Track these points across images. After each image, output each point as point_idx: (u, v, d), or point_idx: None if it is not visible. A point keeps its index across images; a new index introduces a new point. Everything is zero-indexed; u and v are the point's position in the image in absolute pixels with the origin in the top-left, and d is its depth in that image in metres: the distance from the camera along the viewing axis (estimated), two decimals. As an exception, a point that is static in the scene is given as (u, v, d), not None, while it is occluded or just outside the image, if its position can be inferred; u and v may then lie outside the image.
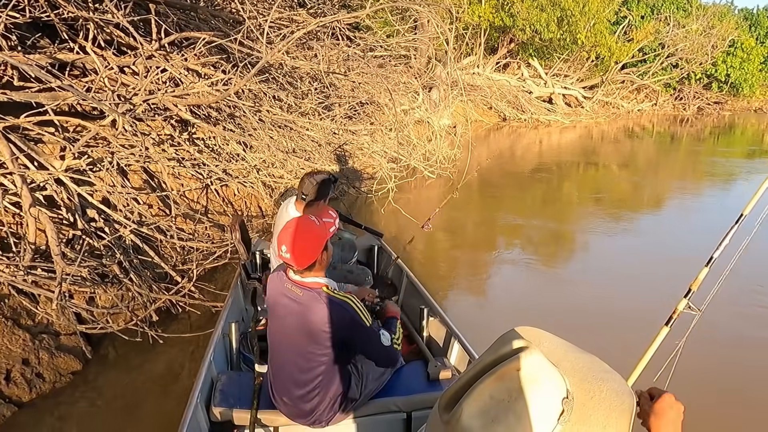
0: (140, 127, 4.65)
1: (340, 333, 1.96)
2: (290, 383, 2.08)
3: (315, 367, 2.02)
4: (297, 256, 1.92)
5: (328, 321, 1.94)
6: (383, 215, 6.53)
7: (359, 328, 1.99)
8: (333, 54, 5.12)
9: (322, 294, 1.97)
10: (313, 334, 1.97)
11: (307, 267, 1.96)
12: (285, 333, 2.07)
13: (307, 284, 1.99)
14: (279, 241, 1.94)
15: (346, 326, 1.96)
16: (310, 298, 1.96)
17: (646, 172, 11.96)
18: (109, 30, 4.16)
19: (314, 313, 1.95)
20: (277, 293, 2.07)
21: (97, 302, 3.45)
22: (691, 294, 1.71)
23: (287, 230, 1.94)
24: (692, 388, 2.90)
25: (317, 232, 1.96)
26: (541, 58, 17.95)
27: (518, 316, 4.39)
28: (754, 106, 25.42)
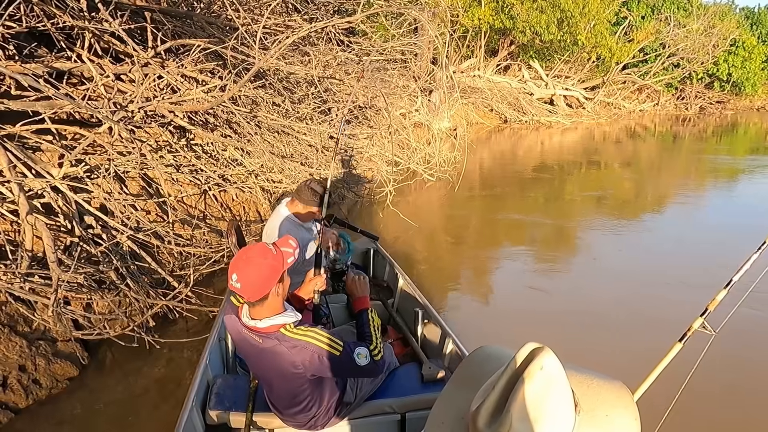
0: (138, 134, 4.69)
1: (312, 371, 1.87)
2: (281, 402, 2.07)
3: (301, 392, 1.97)
4: (247, 287, 1.75)
5: (296, 364, 1.83)
6: (382, 218, 6.55)
7: (331, 362, 1.86)
8: (328, 59, 5.15)
9: (282, 338, 1.83)
10: (285, 376, 1.90)
11: (258, 300, 1.79)
12: (260, 369, 2.01)
13: (263, 330, 1.83)
14: (231, 268, 1.76)
15: (315, 366, 1.85)
16: (271, 344, 1.84)
17: (648, 172, 11.96)
18: (106, 38, 4.20)
19: (279, 360, 1.84)
20: (237, 335, 1.95)
21: (94, 308, 3.47)
22: (707, 314, 1.74)
23: (240, 258, 1.78)
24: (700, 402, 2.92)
25: (272, 263, 1.78)
26: (542, 59, 17.96)
27: (515, 317, 4.39)
28: (756, 104, 25.34)
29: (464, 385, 0.73)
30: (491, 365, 0.71)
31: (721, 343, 1.76)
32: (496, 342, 3.00)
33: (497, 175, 10.56)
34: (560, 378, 0.62)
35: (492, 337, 3.99)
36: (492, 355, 0.76)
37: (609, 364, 3.60)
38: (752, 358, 3.60)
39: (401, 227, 6.33)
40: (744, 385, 3.35)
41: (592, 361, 3.55)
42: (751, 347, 3.68)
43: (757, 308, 3.82)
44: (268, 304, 1.82)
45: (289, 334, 1.84)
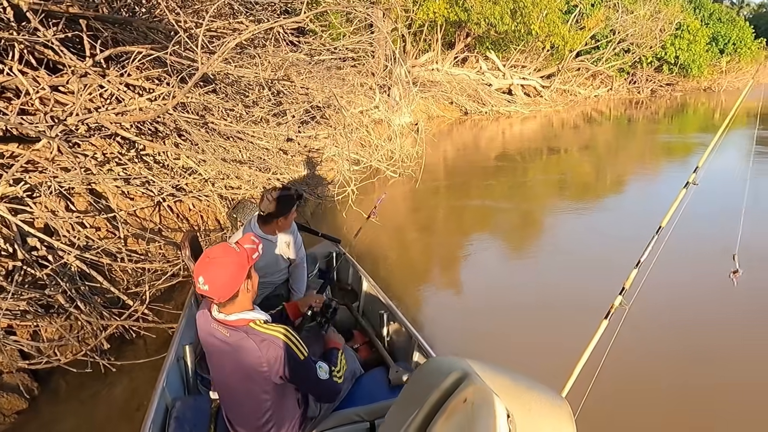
0: (83, 147, 4.47)
1: (275, 369, 1.83)
2: (242, 418, 2.00)
3: (262, 402, 1.91)
4: (216, 288, 1.73)
5: (261, 360, 1.80)
6: (345, 219, 6.47)
7: (293, 363, 1.84)
8: (277, 60, 5.03)
9: (250, 331, 1.81)
10: (249, 375, 1.85)
11: (229, 299, 1.78)
12: (223, 373, 1.96)
13: (232, 323, 1.82)
14: (196, 271, 1.75)
15: (279, 362, 1.82)
16: (238, 338, 1.81)
17: (606, 155, 12.30)
18: (39, 49, 3.98)
19: (245, 354, 1.81)
20: (206, 333, 1.92)
21: (42, 335, 3.29)
22: (624, 291, 1.93)
23: (204, 260, 1.76)
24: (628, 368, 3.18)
25: (237, 261, 1.77)
26: (498, 50, 18.16)
27: (482, 310, 4.41)
28: (703, 85, 26.34)
29: (407, 402, 0.72)
30: (430, 381, 0.69)
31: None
32: (463, 340, 3.02)
33: (461, 166, 10.64)
34: (487, 410, 0.59)
35: (460, 333, 4.01)
36: (435, 371, 0.73)
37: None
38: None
39: (365, 227, 6.28)
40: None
41: (553, 351, 3.61)
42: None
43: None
44: (239, 302, 1.81)
45: (258, 328, 1.83)
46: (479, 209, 7.65)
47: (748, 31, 27.21)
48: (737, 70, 27.78)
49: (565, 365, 3.47)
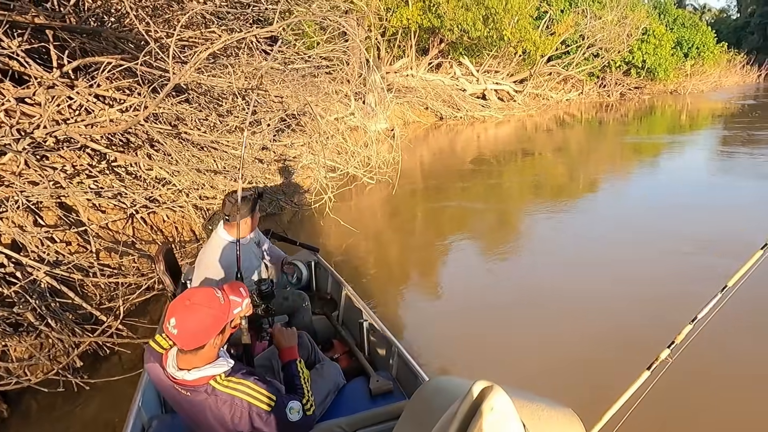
0: (52, 160, 4.37)
1: (241, 426, 1.75)
2: None
3: None
4: (184, 336, 1.63)
5: (225, 420, 1.73)
6: (323, 227, 6.46)
7: (261, 418, 1.75)
8: (251, 70, 5.00)
9: (212, 392, 1.72)
10: (216, 429, 1.78)
11: (193, 349, 1.68)
12: (192, 420, 1.86)
13: (191, 383, 1.71)
14: (170, 311, 1.65)
15: (245, 422, 1.74)
16: (200, 398, 1.72)
17: (579, 156, 12.57)
18: (3, 60, 3.88)
19: (209, 413, 1.74)
20: (164, 387, 1.82)
21: (10, 355, 3.19)
22: (673, 346, 1.88)
23: (183, 302, 1.66)
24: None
25: (216, 313, 1.68)
26: (472, 56, 18.39)
27: (463, 315, 4.45)
28: (669, 88, 27.13)
29: (415, 422, 0.72)
30: (440, 400, 0.70)
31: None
32: (445, 345, 3.00)
33: (437, 170, 10.72)
34: (510, 415, 0.62)
35: (442, 341, 4.03)
36: (440, 390, 0.74)
37: (552, 355, 3.72)
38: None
39: (343, 234, 6.28)
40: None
41: (533, 354, 3.66)
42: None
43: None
44: (201, 354, 1.70)
45: (219, 387, 1.72)
46: (456, 212, 7.72)
47: (710, 35, 28.20)
48: (701, 73, 28.76)
49: (548, 364, 3.50)
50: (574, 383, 3.35)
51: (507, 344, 3.87)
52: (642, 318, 4.18)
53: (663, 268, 5.20)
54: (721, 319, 1.92)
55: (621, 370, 2.15)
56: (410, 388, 2.43)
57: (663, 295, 4.56)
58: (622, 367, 2.15)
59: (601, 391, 2.02)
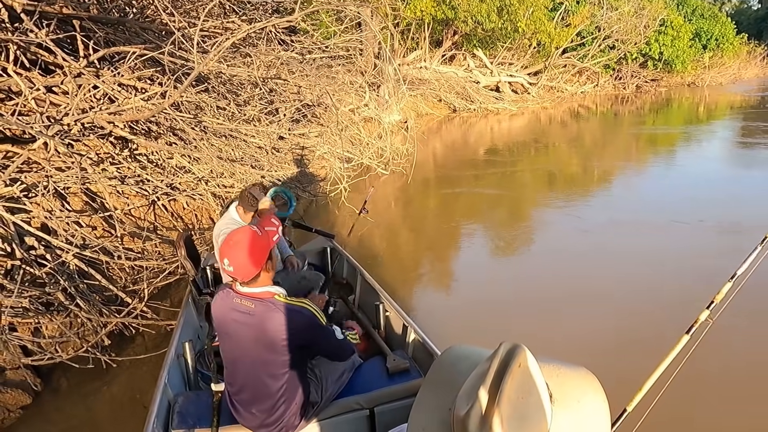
0: (77, 148, 4.50)
1: (299, 337, 1.97)
2: (254, 398, 2.06)
3: (278, 376, 2.01)
4: (241, 268, 1.88)
5: (286, 328, 1.93)
6: (338, 216, 6.55)
7: (318, 329, 2.02)
8: (270, 60, 5.08)
9: (276, 302, 1.95)
10: (271, 344, 1.96)
11: (252, 278, 1.92)
12: (241, 349, 2.04)
13: (258, 295, 1.95)
14: (221, 254, 1.90)
15: (305, 329, 1.98)
16: (264, 308, 1.94)
17: (593, 149, 12.49)
18: (33, 50, 4.00)
19: (270, 323, 1.93)
20: (225, 310, 2.03)
21: (43, 332, 3.33)
22: (712, 306, 1.81)
23: (229, 243, 1.90)
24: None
25: (260, 243, 1.91)
26: (485, 48, 18.28)
27: (476, 301, 4.52)
28: (687, 80, 26.71)
29: (438, 388, 0.74)
30: (462, 366, 0.73)
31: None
32: (459, 328, 3.06)
33: (450, 162, 10.76)
34: (537, 373, 0.65)
35: (455, 323, 4.10)
36: (461, 356, 0.77)
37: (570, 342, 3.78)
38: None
39: (358, 223, 6.36)
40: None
41: (550, 340, 3.72)
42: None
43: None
44: (261, 280, 1.95)
45: (283, 300, 1.96)
46: (468, 201, 7.77)
47: (730, 26, 27.65)
48: (720, 65, 28.24)
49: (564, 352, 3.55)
50: (611, 359, 3.37)
51: (525, 327, 3.92)
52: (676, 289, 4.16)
53: (694, 242, 5.23)
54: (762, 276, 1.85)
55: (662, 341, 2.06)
56: (426, 367, 2.49)
57: (693, 268, 4.59)
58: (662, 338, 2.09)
59: (641, 362, 1.99)
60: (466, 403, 0.65)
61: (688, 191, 7.88)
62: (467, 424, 0.63)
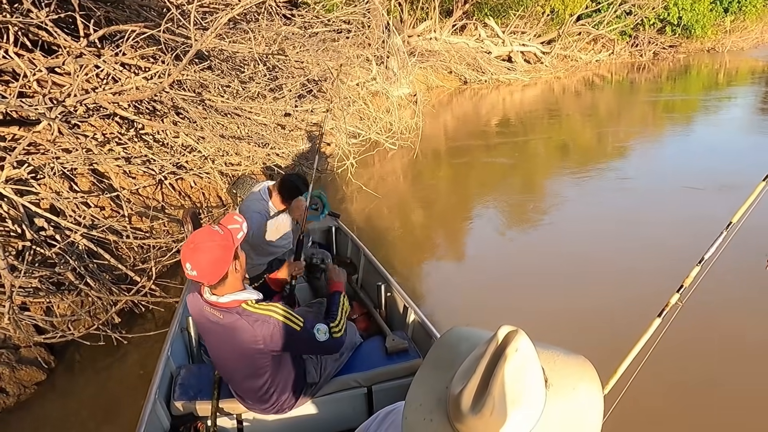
0: (82, 129, 4.53)
1: (272, 346, 1.90)
2: (244, 386, 2.09)
3: (262, 373, 1.99)
4: (204, 272, 1.77)
5: (257, 339, 1.86)
6: (345, 192, 6.55)
7: (291, 337, 1.90)
8: (271, 35, 5.00)
9: (243, 312, 1.86)
10: (245, 353, 1.92)
11: (219, 281, 1.81)
12: (219, 352, 2.03)
13: (224, 305, 1.86)
14: (183, 258, 1.78)
15: (276, 340, 1.88)
16: (231, 319, 1.86)
17: (607, 119, 12.23)
18: (33, 31, 3.99)
19: (240, 335, 1.87)
20: (198, 315, 1.98)
21: (54, 311, 3.42)
22: (682, 289, 1.84)
23: (189, 246, 1.78)
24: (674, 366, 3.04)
25: (222, 243, 1.79)
26: (497, 16, 17.81)
27: (482, 281, 4.52)
28: (706, 46, 25.79)
29: (438, 367, 0.75)
30: (463, 346, 0.74)
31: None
32: (463, 305, 3.06)
33: (461, 135, 10.62)
34: (533, 357, 0.66)
35: (459, 299, 4.12)
36: (463, 337, 0.78)
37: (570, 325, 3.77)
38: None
39: (366, 199, 6.35)
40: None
41: (554, 322, 3.71)
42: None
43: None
44: (229, 283, 1.85)
45: (251, 308, 1.87)
46: (478, 178, 7.70)
47: (754, -12, 26.48)
48: (742, 29, 27.14)
49: (566, 332, 3.55)
50: (595, 341, 3.40)
51: (521, 308, 3.92)
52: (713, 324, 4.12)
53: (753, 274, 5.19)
54: (728, 258, 1.89)
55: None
56: (425, 347, 2.51)
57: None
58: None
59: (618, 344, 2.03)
60: (461, 383, 0.66)
61: (704, 161, 7.73)
62: (460, 403, 0.65)
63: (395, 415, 0.94)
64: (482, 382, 0.64)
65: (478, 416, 0.63)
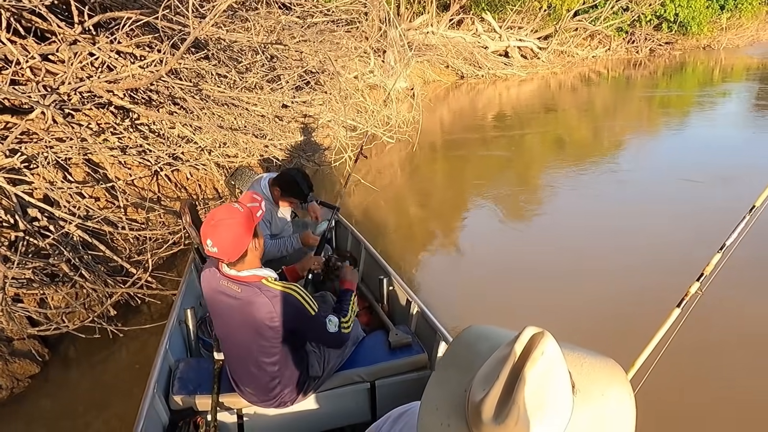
0: (77, 118, 4.44)
1: (286, 324, 1.89)
2: (248, 374, 2.05)
3: (270, 357, 1.97)
4: (225, 248, 1.78)
5: (273, 315, 1.85)
6: (343, 185, 6.48)
7: (305, 319, 1.92)
8: (270, 24, 4.92)
9: (263, 287, 1.86)
10: (259, 329, 1.89)
11: (239, 258, 1.83)
12: (230, 329, 1.99)
13: (244, 278, 1.87)
14: (203, 234, 1.79)
15: (291, 318, 1.88)
16: (250, 293, 1.85)
17: (603, 114, 12.24)
18: (26, 16, 3.90)
19: (257, 309, 1.85)
20: (212, 291, 1.96)
21: (48, 303, 3.35)
22: (703, 278, 1.77)
23: (210, 222, 1.79)
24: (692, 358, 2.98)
25: (243, 220, 1.81)
26: (494, 11, 17.74)
27: (483, 275, 4.49)
28: (702, 43, 25.84)
29: (455, 368, 0.71)
30: (482, 346, 0.70)
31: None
32: (465, 298, 3.00)
33: (458, 131, 10.58)
34: (559, 361, 0.61)
35: (461, 293, 4.08)
36: (482, 336, 0.73)
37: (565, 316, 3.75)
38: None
39: (364, 192, 6.30)
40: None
41: (552, 314, 3.70)
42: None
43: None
44: (248, 261, 1.86)
45: (271, 285, 1.87)
46: (474, 170, 7.66)
47: (750, -15, 26.54)
48: (738, 26, 27.22)
49: (569, 327, 3.54)
50: (607, 334, 3.37)
51: (526, 302, 3.90)
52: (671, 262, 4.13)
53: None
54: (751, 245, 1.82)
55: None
56: (429, 342, 2.47)
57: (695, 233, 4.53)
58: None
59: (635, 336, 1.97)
60: (483, 388, 0.62)
61: (698, 156, 7.77)
62: (481, 410, 0.60)
63: (409, 417, 0.90)
64: (506, 389, 0.60)
65: (502, 426, 0.59)
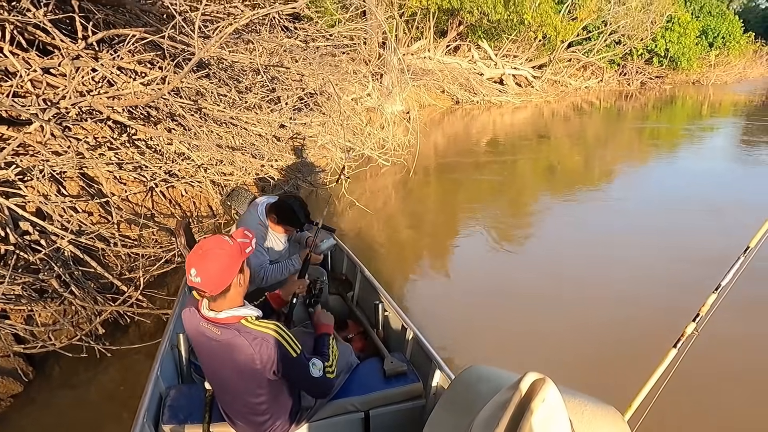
0: (74, 131, 4.42)
1: (269, 366, 1.82)
2: (237, 408, 2.00)
3: (257, 397, 1.91)
4: (209, 279, 1.71)
5: (254, 357, 1.79)
6: (338, 207, 6.49)
7: (286, 360, 1.84)
8: (273, 47, 4.98)
9: (242, 329, 1.79)
10: (242, 372, 1.84)
11: (220, 293, 1.75)
12: (215, 369, 1.94)
13: (223, 320, 1.79)
14: (188, 264, 1.71)
15: (272, 360, 1.81)
16: (229, 336, 1.78)
17: (595, 144, 12.44)
18: (30, 30, 3.91)
19: (237, 352, 1.79)
20: (194, 331, 1.90)
21: (36, 320, 3.28)
22: (699, 318, 1.78)
23: (197, 252, 1.73)
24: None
25: (230, 253, 1.74)
26: (491, 39, 18.10)
27: (477, 301, 4.47)
28: (692, 78, 26.50)
29: (455, 410, 0.71)
30: (483, 388, 0.70)
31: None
32: (459, 324, 2.96)
33: (452, 155, 10.67)
34: (560, 409, 0.62)
35: (456, 326, 4.06)
36: (483, 377, 0.73)
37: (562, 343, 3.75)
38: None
39: (358, 214, 6.30)
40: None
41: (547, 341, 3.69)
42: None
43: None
44: (230, 297, 1.78)
45: (250, 325, 1.79)
46: (468, 195, 7.71)
47: (738, 24, 27.38)
48: (726, 63, 28.02)
49: (567, 354, 3.53)
50: (603, 370, 3.38)
51: (517, 330, 3.89)
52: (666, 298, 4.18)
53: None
54: (746, 285, 1.83)
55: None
56: (424, 371, 2.44)
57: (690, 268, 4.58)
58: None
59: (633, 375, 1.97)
60: None
61: (687, 189, 7.92)
62: None
63: None
64: None
65: None
